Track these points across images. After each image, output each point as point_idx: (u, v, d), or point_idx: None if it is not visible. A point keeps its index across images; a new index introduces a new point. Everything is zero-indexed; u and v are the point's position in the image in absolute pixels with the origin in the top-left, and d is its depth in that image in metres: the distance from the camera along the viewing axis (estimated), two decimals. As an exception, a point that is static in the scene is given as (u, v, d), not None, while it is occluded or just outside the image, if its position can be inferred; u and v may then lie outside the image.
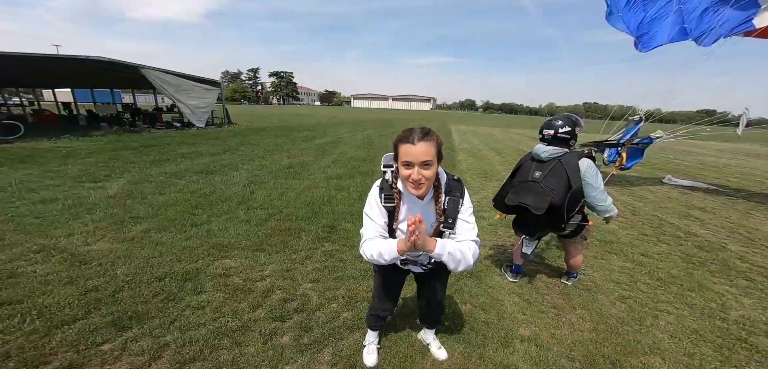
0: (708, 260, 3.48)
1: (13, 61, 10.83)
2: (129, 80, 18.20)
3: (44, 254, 2.83)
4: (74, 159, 6.92)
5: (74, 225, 3.50)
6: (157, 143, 9.75)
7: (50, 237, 3.19)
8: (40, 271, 2.57)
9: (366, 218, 1.42)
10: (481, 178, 7.24)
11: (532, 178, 2.35)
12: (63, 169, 5.94)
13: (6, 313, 2.05)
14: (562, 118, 2.40)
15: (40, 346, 1.80)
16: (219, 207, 4.42)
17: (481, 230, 4.14)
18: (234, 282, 2.69)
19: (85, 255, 2.88)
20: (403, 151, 1.22)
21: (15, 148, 7.91)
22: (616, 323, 2.39)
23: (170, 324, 2.11)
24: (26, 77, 16.74)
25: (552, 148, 2.35)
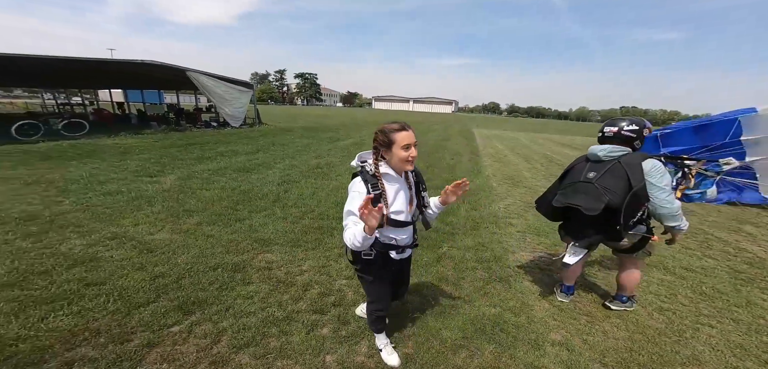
0: (758, 277, 3.25)
1: (77, 65, 12.15)
2: (173, 82, 19.71)
3: (117, 241, 3.26)
4: (131, 155, 7.69)
5: (139, 215, 3.96)
6: (198, 141, 10.51)
7: (120, 225, 3.64)
8: (116, 256, 2.97)
9: (346, 212, 1.55)
10: (508, 184, 7.10)
11: (585, 179, 2.20)
12: (123, 164, 6.64)
13: (93, 293, 2.41)
14: (629, 118, 2.23)
15: (123, 325, 2.11)
16: (257, 204, 4.76)
17: (510, 237, 4.16)
18: (276, 275, 2.93)
19: (151, 243, 3.27)
20: (400, 137, 1.54)
21: (82, 143, 8.91)
22: (654, 334, 2.35)
23: (226, 311, 2.38)
24: (86, 79, 18.67)
25: (611, 147, 2.18)
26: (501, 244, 3.89)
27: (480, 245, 3.83)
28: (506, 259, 3.53)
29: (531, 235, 4.24)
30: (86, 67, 13.16)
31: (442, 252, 3.60)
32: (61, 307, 2.23)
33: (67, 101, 24.09)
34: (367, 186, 1.54)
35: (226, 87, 15.00)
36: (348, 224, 1.53)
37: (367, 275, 1.82)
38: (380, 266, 1.76)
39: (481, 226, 4.44)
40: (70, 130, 10.41)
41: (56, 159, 6.82)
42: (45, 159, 6.78)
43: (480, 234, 4.18)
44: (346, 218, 1.56)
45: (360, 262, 1.76)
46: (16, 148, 7.73)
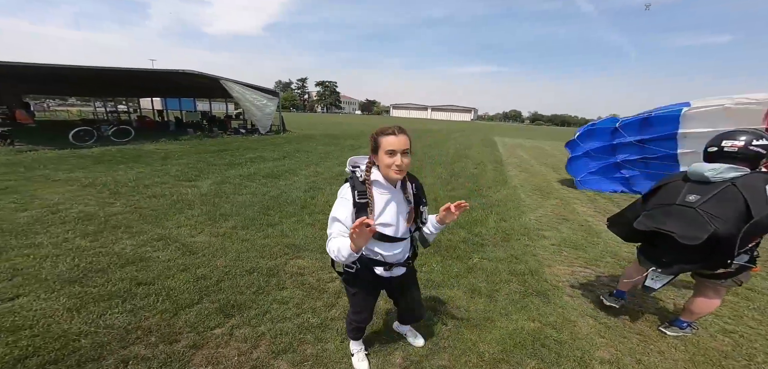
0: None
1: (123, 75, 13.19)
2: (206, 90, 20.89)
3: (163, 242, 3.46)
4: (171, 160, 8.20)
5: (180, 218, 4.19)
6: (229, 148, 11.03)
7: (165, 227, 3.87)
8: (162, 257, 3.16)
9: (332, 218, 1.47)
10: (537, 195, 6.78)
11: (684, 202, 1.89)
12: (164, 169, 7.09)
13: (143, 292, 2.57)
14: (755, 130, 1.88)
15: (171, 325, 2.23)
16: (286, 209, 4.88)
17: (543, 249, 3.98)
18: (309, 281, 2.97)
19: (192, 245, 3.45)
20: (386, 142, 1.40)
21: (128, 148, 9.64)
22: (718, 357, 2.13)
23: (263, 315, 2.44)
24: (131, 88, 20.27)
25: (725, 166, 1.83)
26: (535, 257, 3.72)
27: (512, 257, 3.68)
28: (542, 272, 3.37)
29: (567, 249, 4.02)
30: (131, 77, 14.27)
31: (472, 263, 3.50)
32: (116, 305, 2.39)
33: (114, 109, 26.27)
34: (354, 193, 1.44)
35: (256, 95, 15.67)
36: (332, 233, 1.45)
37: (350, 287, 1.76)
38: (365, 281, 1.68)
39: (512, 238, 4.27)
40: (119, 136, 11.31)
41: (107, 163, 7.42)
42: (98, 163, 7.39)
43: (512, 246, 4.02)
44: (331, 225, 1.47)
45: (343, 273, 1.70)
46: (73, 153, 8.50)
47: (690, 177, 1.99)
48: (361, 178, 1.49)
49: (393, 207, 1.53)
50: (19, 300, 2.37)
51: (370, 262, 1.63)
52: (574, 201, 6.46)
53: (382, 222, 1.51)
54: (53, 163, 7.04)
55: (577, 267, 3.56)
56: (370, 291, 1.79)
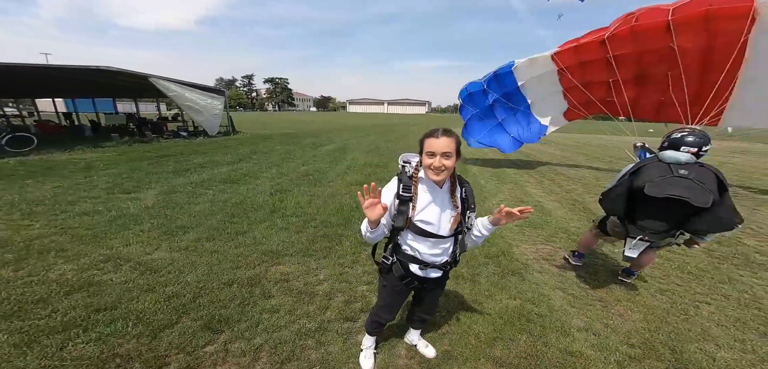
0: (730, 255, 3.72)
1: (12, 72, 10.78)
2: (131, 89, 18.21)
3: (113, 263, 2.96)
4: (96, 170, 6.98)
5: (127, 235, 3.62)
6: (170, 153, 9.81)
7: (109, 247, 3.31)
8: (116, 279, 2.70)
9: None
10: (495, 181, 7.46)
11: (679, 174, 2.23)
12: (90, 181, 6.02)
13: (106, 318, 2.18)
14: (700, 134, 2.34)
15: (154, 349, 1.94)
16: (254, 215, 4.55)
17: (508, 231, 4.34)
18: (296, 286, 2.84)
19: (151, 263, 3.01)
20: (428, 143, 1.45)
21: (32, 160, 7.94)
22: (663, 314, 2.60)
23: (256, 326, 2.26)
24: (25, 87, 16.64)
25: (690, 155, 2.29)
26: (503, 239, 4.07)
27: (484, 241, 3.97)
28: (512, 252, 3.70)
29: (528, 229, 4.47)
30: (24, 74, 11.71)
31: (451, 251, 3.69)
32: (77, 334, 2.00)
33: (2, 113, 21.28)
34: (399, 185, 1.52)
35: (198, 94, 14.20)
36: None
37: (382, 278, 1.78)
38: (397, 276, 1.68)
39: (481, 224, 4.61)
40: (15, 146, 9.24)
41: (7, 178, 6.01)
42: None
43: (482, 231, 4.34)
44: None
45: (381, 263, 1.74)
46: (-49, 168, 6.70)
47: (665, 159, 2.36)
48: (409, 173, 1.55)
49: (436, 206, 1.54)
50: None
51: (406, 257, 1.62)
52: (526, 183, 7.25)
53: (423, 219, 1.52)
54: (-75, 181, 5.47)
55: (539, 244, 3.99)
56: (400, 288, 1.75)
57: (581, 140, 17.95)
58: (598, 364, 2.08)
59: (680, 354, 2.17)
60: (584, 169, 9.29)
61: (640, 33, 6.00)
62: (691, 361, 2.12)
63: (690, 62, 5.79)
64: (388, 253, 1.66)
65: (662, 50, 5.91)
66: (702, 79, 5.92)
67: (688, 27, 5.55)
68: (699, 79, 5.95)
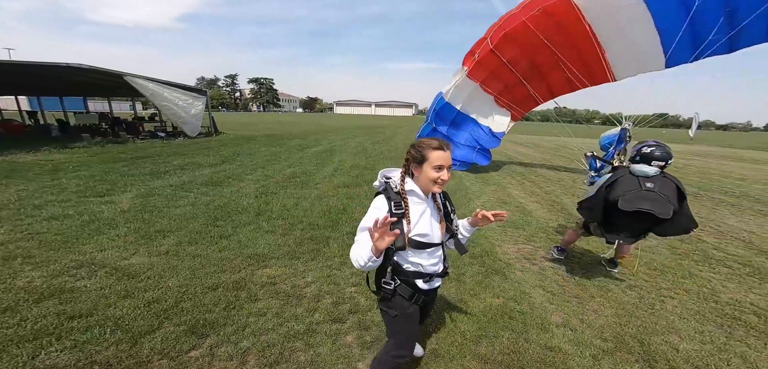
0: (689, 251, 4.01)
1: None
2: (104, 88, 17.33)
3: (86, 269, 2.82)
4: (65, 173, 6.60)
5: (101, 240, 3.46)
6: (147, 155, 9.42)
7: (82, 253, 3.15)
8: (90, 285, 2.58)
9: (361, 228, 1.43)
10: (479, 183, 7.67)
11: (647, 188, 2.57)
12: (58, 184, 5.68)
13: (81, 325, 2.09)
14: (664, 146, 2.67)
15: (135, 355, 1.87)
16: (238, 218, 4.47)
17: (492, 231, 4.49)
18: (283, 289, 2.81)
19: (128, 269, 2.89)
20: (436, 156, 1.40)
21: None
22: (632, 308, 2.77)
23: (242, 330, 2.23)
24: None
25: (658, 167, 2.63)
26: (487, 239, 4.20)
27: (468, 242, 4.08)
28: (495, 252, 3.83)
29: (510, 229, 4.64)
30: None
31: (437, 252, 3.77)
32: (49, 343, 1.90)
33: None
34: (390, 204, 1.40)
35: (177, 93, 13.71)
36: (359, 240, 1.40)
37: (389, 309, 1.56)
38: (405, 298, 1.53)
39: (466, 226, 4.73)
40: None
41: (-36, 180, 5.58)
42: (-53, 180, 5.50)
43: (467, 233, 4.46)
44: (359, 233, 1.42)
45: (380, 291, 1.55)
46: None
47: (635, 173, 2.68)
48: (396, 189, 1.45)
49: (427, 216, 1.50)
50: None
51: (410, 275, 1.52)
52: (508, 185, 7.50)
53: (419, 232, 1.45)
54: None
55: (520, 244, 4.14)
56: (412, 311, 1.57)
57: (559, 142, 18.71)
58: (574, 359, 2.19)
59: (648, 346, 2.33)
60: (563, 172, 9.71)
61: (513, 36, 6.73)
62: (657, 352, 2.28)
63: (560, 45, 6.49)
64: (388, 278, 1.50)
65: (536, 44, 6.58)
66: (580, 55, 6.58)
67: (538, 23, 6.28)
68: (578, 56, 6.61)
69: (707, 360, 2.23)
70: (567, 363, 2.14)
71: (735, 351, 2.32)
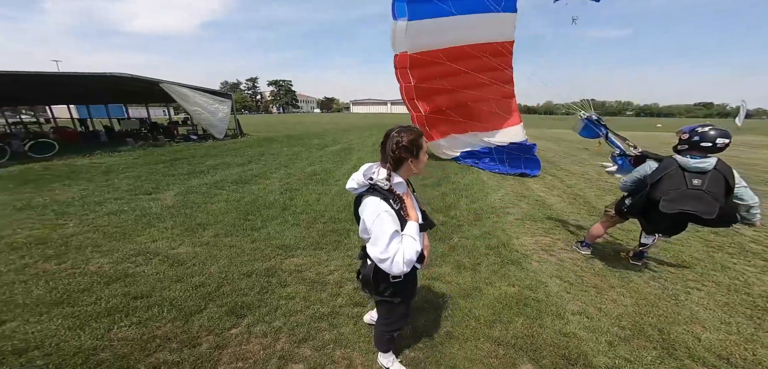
0: (726, 244, 3.83)
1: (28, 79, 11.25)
2: (142, 95, 18.75)
3: (143, 257, 3.24)
4: (116, 173, 7.35)
5: (153, 232, 3.91)
6: (183, 156, 10.17)
7: (138, 243, 3.60)
8: (148, 271, 2.97)
9: (390, 235, 1.36)
10: (497, 177, 7.57)
11: (693, 186, 2.49)
12: (112, 184, 6.37)
13: (143, 305, 2.45)
14: (722, 130, 2.50)
15: (187, 331, 2.19)
16: (267, 213, 4.81)
17: (509, 224, 4.54)
18: (309, 276, 3.07)
19: (177, 257, 3.28)
20: (426, 145, 1.54)
21: (55, 165, 8.36)
22: (654, 299, 2.75)
23: (274, 311, 2.50)
24: (39, 95, 17.28)
25: (714, 159, 2.50)
26: (504, 232, 4.24)
27: (486, 234, 4.16)
28: (512, 244, 3.87)
29: (528, 222, 4.64)
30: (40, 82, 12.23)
31: (453, 243, 3.88)
32: (120, 319, 2.26)
33: (18, 120, 22.10)
34: (389, 203, 1.40)
35: (206, 98, 14.58)
36: (395, 247, 1.37)
37: (397, 298, 1.63)
38: (409, 283, 1.66)
39: (483, 217, 4.79)
40: (38, 151, 9.70)
41: (35, 182, 6.40)
42: (23, 183, 6.34)
43: (483, 224, 4.52)
44: (390, 241, 1.35)
45: (389, 288, 1.60)
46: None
47: (686, 167, 2.54)
48: (385, 187, 1.43)
49: (414, 201, 1.59)
50: (7, 325, 2.14)
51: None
52: (528, 179, 7.37)
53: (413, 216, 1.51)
54: (-40, 187, 5.89)
55: (538, 236, 4.15)
56: (411, 292, 1.75)
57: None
58: (589, 344, 2.25)
59: (667, 334, 2.34)
60: (587, 165, 9.35)
61: (417, 62, 7.61)
62: (677, 341, 2.28)
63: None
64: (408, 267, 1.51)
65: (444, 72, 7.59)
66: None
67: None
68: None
69: (731, 349, 2.20)
70: (581, 347, 2.21)
71: (762, 342, 2.27)
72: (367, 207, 1.42)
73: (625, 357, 2.13)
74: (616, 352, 2.17)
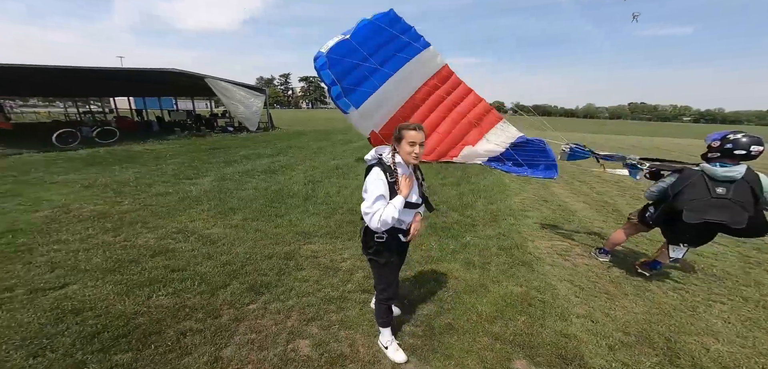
0: (766, 261, 3.49)
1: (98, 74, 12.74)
2: (189, 88, 20.41)
3: (182, 235, 3.69)
4: (164, 160, 8.20)
5: (192, 213, 4.40)
6: (221, 146, 11.03)
7: (179, 222, 4.09)
8: (185, 247, 3.40)
9: (376, 197, 1.72)
10: (520, 181, 7.29)
11: (718, 195, 2.37)
12: (160, 168, 7.14)
13: (178, 277, 2.84)
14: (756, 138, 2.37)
15: (212, 303, 2.52)
16: (290, 202, 5.15)
17: (527, 227, 4.48)
18: (323, 262, 3.30)
19: (210, 237, 3.69)
20: (410, 135, 1.76)
21: (116, 150, 9.51)
22: (670, 309, 2.64)
23: (289, 291, 2.75)
24: (104, 87, 19.49)
25: (744, 167, 2.37)
26: (520, 234, 4.19)
27: (501, 235, 4.14)
28: (526, 246, 3.83)
29: (548, 226, 4.53)
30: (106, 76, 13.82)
31: (465, 241, 3.92)
32: (158, 288, 2.65)
33: (88, 110, 25.11)
34: (386, 174, 1.75)
35: (242, 92, 15.53)
36: (378, 208, 1.71)
37: (379, 258, 1.94)
38: (391, 249, 1.93)
39: (500, 218, 4.75)
40: (102, 138, 11.05)
41: (100, 165, 7.38)
42: (90, 165, 7.34)
43: (499, 225, 4.49)
44: (375, 203, 1.71)
45: (373, 245, 1.91)
46: (59, 155, 8.34)
47: (713, 176, 2.42)
48: (388, 162, 1.81)
49: (415, 184, 1.90)
50: (69, 287, 2.60)
51: (395, 230, 1.91)
52: (553, 184, 7.06)
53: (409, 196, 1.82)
54: (43, 167, 6.96)
55: (556, 241, 4.05)
56: (395, 260, 2.01)
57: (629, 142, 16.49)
58: (589, 347, 2.25)
59: (674, 344, 2.26)
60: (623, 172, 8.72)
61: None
62: (683, 350, 2.20)
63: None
64: (381, 232, 1.87)
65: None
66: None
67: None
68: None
69: (739, 361, 2.10)
70: (579, 349, 2.22)
71: (783, 362, 2.12)
72: (371, 173, 1.81)
73: (624, 361, 2.11)
74: (614, 356, 2.15)
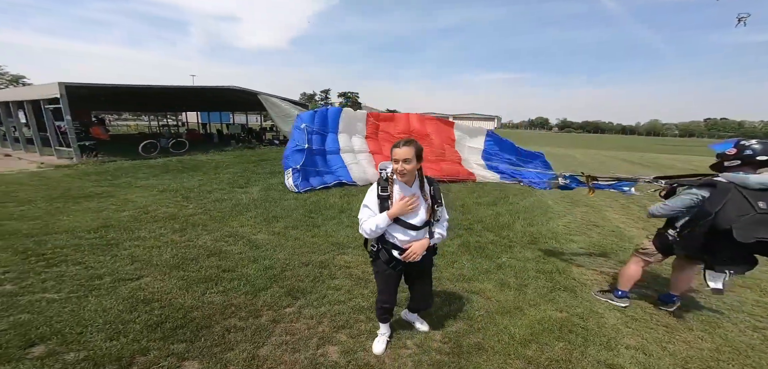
0: None
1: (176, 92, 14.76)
2: (243, 104, 22.61)
3: (233, 239, 4.12)
4: (221, 169, 9.18)
5: (242, 219, 4.88)
6: (268, 158, 11.97)
7: (231, 226, 4.56)
8: (235, 250, 3.78)
9: (364, 208, 1.95)
10: (566, 203, 6.74)
11: (762, 210, 2.12)
12: (219, 177, 8.02)
13: (228, 277, 3.17)
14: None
15: (253, 304, 2.77)
16: (326, 213, 5.41)
17: (571, 252, 4.19)
18: (355, 273, 3.42)
19: (256, 242, 4.06)
20: (394, 153, 1.87)
21: (185, 159, 10.87)
22: (746, 348, 2.28)
23: (322, 299, 2.91)
24: (179, 103, 22.45)
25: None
26: (562, 257, 3.90)
27: (540, 257, 3.90)
28: (570, 271, 3.56)
29: (597, 252, 4.16)
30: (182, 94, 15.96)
31: (501, 261, 3.76)
32: (212, 286, 2.99)
33: (166, 123, 29.05)
34: (378, 187, 1.91)
35: (287, 107, 16.76)
36: (363, 216, 1.94)
37: (374, 265, 2.12)
38: (383, 261, 2.01)
39: (540, 241, 4.47)
40: (176, 148, 12.71)
41: (173, 172, 8.52)
42: (165, 172, 8.52)
43: (539, 248, 4.23)
44: (362, 211, 1.95)
45: (369, 251, 2.10)
46: (143, 163, 9.82)
47: (745, 185, 2.19)
48: (386, 177, 1.95)
49: (422, 202, 1.95)
50: (143, 279, 3.07)
51: (388, 245, 1.99)
52: (606, 208, 6.41)
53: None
54: (131, 172, 8.26)
55: (606, 268, 3.70)
56: (389, 272, 2.08)
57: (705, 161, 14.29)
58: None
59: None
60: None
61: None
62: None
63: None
64: (373, 242, 2.05)
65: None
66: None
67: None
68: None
69: None
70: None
71: None
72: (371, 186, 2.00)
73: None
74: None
